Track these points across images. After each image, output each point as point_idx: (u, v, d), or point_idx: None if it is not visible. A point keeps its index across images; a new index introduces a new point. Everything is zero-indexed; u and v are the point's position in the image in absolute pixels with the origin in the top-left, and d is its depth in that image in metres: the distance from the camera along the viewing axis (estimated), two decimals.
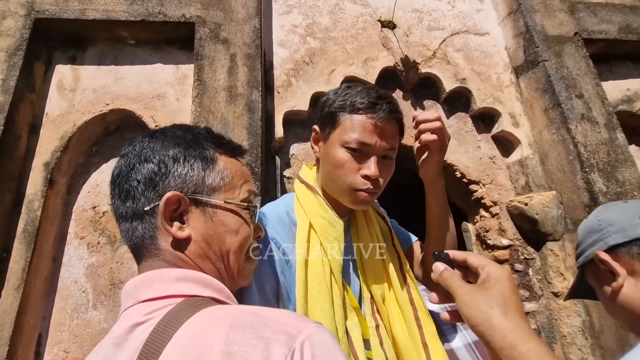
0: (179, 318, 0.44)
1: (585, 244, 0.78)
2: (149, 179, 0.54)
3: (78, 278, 1.55)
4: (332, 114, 0.83)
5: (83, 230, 1.62)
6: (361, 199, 0.82)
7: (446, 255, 0.60)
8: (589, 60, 1.96)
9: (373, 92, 0.83)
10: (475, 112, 2.03)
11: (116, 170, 0.57)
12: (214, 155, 0.59)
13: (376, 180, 0.81)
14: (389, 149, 0.82)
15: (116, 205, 0.57)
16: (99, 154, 1.75)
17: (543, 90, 1.91)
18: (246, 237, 0.59)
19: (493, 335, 0.47)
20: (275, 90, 1.88)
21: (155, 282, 0.51)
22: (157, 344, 0.42)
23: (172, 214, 0.54)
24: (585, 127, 1.78)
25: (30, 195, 1.51)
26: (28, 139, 1.59)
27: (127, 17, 1.71)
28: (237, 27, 1.78)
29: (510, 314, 0.48)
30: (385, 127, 0.80)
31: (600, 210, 0.78)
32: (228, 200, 0.57)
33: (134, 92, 1.74)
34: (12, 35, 1.61)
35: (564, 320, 1.70)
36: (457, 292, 0.53)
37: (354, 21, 2.09)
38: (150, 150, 0.56)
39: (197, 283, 0.51)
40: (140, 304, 0.49)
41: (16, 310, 1.35)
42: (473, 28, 2.19)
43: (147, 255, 0.55)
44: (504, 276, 0.52)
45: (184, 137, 0.59)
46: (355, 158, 0.80)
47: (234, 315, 0.44)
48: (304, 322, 0.43)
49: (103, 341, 0.50)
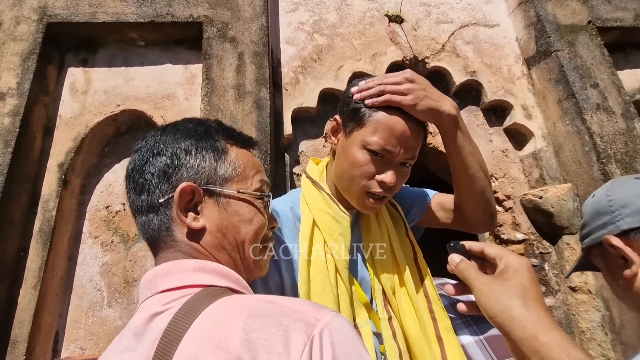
0: (197, 307, 0.45)
1: (593, 225, 0.71)
2: (163, 172, 0.55)
3: (93, 276, 1.57)
4: (358, 111, 0.79)
5: (97, 229, 1.64)
6: (369, 206, 0.81)
7: (462, 246, 0.58)
8: (603, 49, 1.91)
9: None
10: (487, 105, 2.00)
11: (130, 165, 0.58)
12: (225, 147, 0.59)
13: (390, 187, 0.79)
14: (409, 158, 0.79)
15: (132, 200, 0.57)
16: (111, 155, 1.78)
17: (556, 81, 1.87)
18: (260, 226, 0.59)
19: (513, 326, 0.45)
20: (283, 88, 1.88)
21: (173, 272, 0.51)
22: (176, 333, 0.43)
23: (187, 204, 0.54)
24: (601, 117, 1.73)
25: (46, 195, 1.54)
26: (42, 141, 1.63)
27: (136, 18, 1.73)
28: (244, 26, 1.78)
29: (531, 304, 0.47)
30: (411, 134, 0.77)
31: (610, 188, 0.70)
32: (241, 190, 0.58)
33: (144, 93, 1.76)
34: (26, 40, 1.65)
35: (582, 316, 1.66)
36: (474, 283, 0.52)
37: (361, 17, 2.08)
38: (162, 143, 0.57)
39: (214, 273, 0.52)
40: (159, 295, 0.50)
41: (34, 308, 1.38)
42: (482, 20, 2.15)
43: (163, 247, 0.55)
44: (523, 266, 0.51)
45: (195, 129, 0.59)
46: (374, 162, 0.78)
47: (251, 303, 0.44)
48: (322, 311, 0.43)
49: (123, 332, 0.51)
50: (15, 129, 1.48)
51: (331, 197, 0.86)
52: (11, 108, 1.51)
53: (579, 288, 1.68)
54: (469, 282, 0.53)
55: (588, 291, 1.65)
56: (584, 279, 1.67)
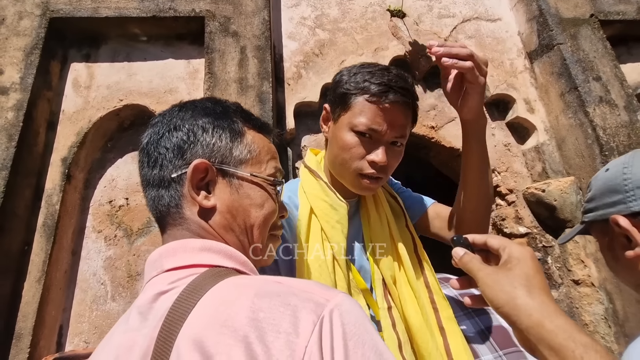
0: (203, 286, 0.44)
1: (601, 202, 0.69)
2: (178, 147, 0.54)
3: (96, 270, 1.58)
4: (344, 95, 0.80)
5: (100, 224, 1.65)
6: (364, 186, 0.81)
7: (465, 239, 0.59)
8: (606, 42, 1.90)
9: (387, 74, 0.79)
10: (489, 99, 1.99)
11: (145, 139, 0.58)
12: (242, 129, 0.58)
13: (383, 166, 0.79)
14: (399, 136, 0.80)
15: (144, 173, 0.57)
16: (115, 149, 1.78)
17: (559, 74, 1.86)
18: (271, 212, 0.58)
19: (519, 315, 0.46)
20: (285, 83, 1.88)
21: (180, 251, 0.50)
22: (181, 311, 0.42)
23: (199, 182, 0.53)
24: (604, 110, 1.73)
25: (49, 189, 1.54)
26: (46, 135, 1.63)
27: (139, 13, 1.73)
28: (246, 20, 1.78)
29: (535, 292, 0.47)
30: (397, 113, 0.77)
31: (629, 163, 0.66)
32: (254, 173, 0.57)
33: (147, 88, 1.76)
34: (29, 35, 1.65)
35: (585, 309, 1.65)
36: (478, 274, 0.52)
37: (363, 11, 2.08)
38: (180, 119, 0.56)
39: (221, 254, 0.51)
40: (165, 274, 0.49)
41: (38, 302, 1.38)
42: (484, 14, 2.15)
43: (171, 224, 0.55)
44: (526, 256, 0.51)
45: (214, 108, 0.59)
46: (363, 143, 0.78)
47: (258, 283, 0.43)
48: (332, 292, 0.42)
49: (129, 311, 0.50)
50: (19, 124, 1.48)
51: (328, 185, 0.86)
52: (14, 102, 1.52)
53: (582, 281, 1.68)
54: (473, 274, 0.53)
55: (591, 284, 1.65)
56: (587, 272, 1.67)
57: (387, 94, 0.76)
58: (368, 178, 0.80)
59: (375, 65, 0.83)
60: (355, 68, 0.83)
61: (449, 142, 1.95)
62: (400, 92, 0.77)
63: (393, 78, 0.78)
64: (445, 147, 1.96)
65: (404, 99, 0.77)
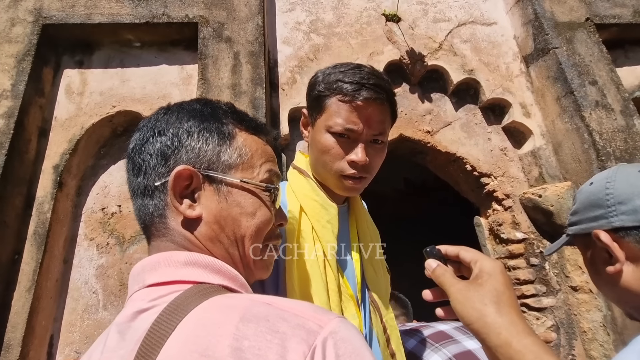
0: (185, 306, 0.40)
1: (584, 216, 0.68)
2: (162, 153, 0.51)
3: (88, 279, 1.56)
4: (318, 97, 0.79)
5: (92, 231, 1.63)
6: (348, 187, 0.80)
7: (438, 251, 0.58)
8: (602, 46, 1.90)
9: (359, 72, 0.77)
10: (485, 103, 1.98)
11: (131, 144, 0.55)
12: (233, 131, 0.54)
13: (364, 166, 0.77)
14: (377, 134, 0.78)
15: (130, 181, 0.54)
16: (108, 156, 1.76)
17: (554, 79, 1.85)
18: (264, 221, 0.54)
19: (488, 333, 0.46)
20: (280, 88, 1.87)
21: (162, 265, 0.47)
22: (159, 335, 0.38)
23: (183, 190, 0.50)
24: (600, 115, 1.72)
25: (41, 197, 1.53)
26: (38, 143, 1.62)
27: (132, 19, 1.72)
28: (240, 26, 1.77)
29: (505, 310, 0.47)
30: (372, 110, 0.75)
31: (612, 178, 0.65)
32: (245, 179, 0.52)
33: (140, 94, 1.75)
34: (21, 42, 1.64)
35: (583, 315, 1.63)
36: (450, 290, 0.52)
37: (357, 16, 2.07)
38: (164, 122, 0.53)
39: (207, 268, 0.47)
40: (146, 289, 0.46)
41: (28, 312, 1.36)
42: (480, 18, 2.14)
43: (156, 235, 0.51)
44: (497, 270, 0.51)
45: (202, 110, 0.55)
46: (341, 144, 0.76)
47: (245, 305, 0.39)
48: (326, 316, 0.38)
49: (108, 329, 0.47)
50: (10, 131, 1.47)
51: (318, 185, 0.84)
52: (5, 110, 1.50)
53: (580, 287, 1.66)
54: (446, 289, 0.53)
55: (589, 290, 1.63)
56: (585, 278, 1.65)
57: (359, 92, 0.74)
58: (351, 179, 0.79)
59: (348, 64, 0.81)
60: (329, 69, 0.82)
61: (444, 147, 1.94)
62: (373, 88, 0.75)
63: (365, 75, 0.76)
64: (441, 151, 1.95)
65: (378, 95, 0.75)
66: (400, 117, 1.98)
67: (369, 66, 0.81)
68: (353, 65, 0.80)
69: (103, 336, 0.48)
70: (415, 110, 2.00)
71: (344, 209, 0.91)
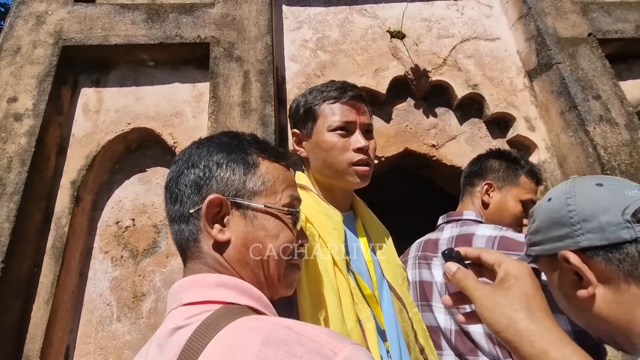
0: (215, 326, 0.45)
1: (547, 235, 0.61)
2: (195, 183, 0.57)
3: (103, 291, 1.61)
4: (309, 110, 0.90)
5: (107, 244, 1.68)
6: (360, 173, 0.87)
7: (457, 253, 0.56)
8: (605, 60, 1.92)
9: (336, 83, 0.91)
10: (489, 117, 2.01)
11: (168, 176, 0.62)
12: (257, 160, 0.60)
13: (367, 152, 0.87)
14: (368, 123, 0.91)
15: (168, 209, 0.60)
16: (122, 172, 1.83)
17: (558, 93, 1.88)
18: (287, 241, 0.59)
19: (520, 341, 0.42)
20: (287, 104, 1.92)
21: (197, 286, 0.53)
22: (193, 351, 0.43)
23: (214, 216, 0.56)
24: (605, 129, 1.74)
25: (59, 212, 1.59)
26: (56, 159, 1.68)
27: (147, 40, 1.80)
28: (249, 45, 1.84)
29: (537, 316, 0.43)
30: (359, 104, 0.90)
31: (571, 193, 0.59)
32: (268, 204, 0.58)
33: (154, 111, 1.82)
34: (42, 63, 1.73)
35: None
36: (474, 294, 0.49)
37: (363, 33, 2.13)
38: (197, 156, 0.60)
39: (235, 290, 0.52)
40: (183, 307, 0.51)
41: (46, 323, 1.41)
42: (483, 34, 2.19)
43: (190, 258, 0.57)
44: (524, 273, 0.48)
45: (229, 143, 0.61)
46: (343, 137, 0.87)
47: (268, 328, 0.43)
48: (341, 342, 0.40)
49: (150, 342, 0.53)
50: (31, 149, 1.54)
51: (320, 197, 0.89)
52: (27, 128, 1.58)
53: None
54: (469, 294, 0.50)
55: None
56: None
57: (345, 92, 0.89)
58: (360, 165, 0.87)
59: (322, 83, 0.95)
60: (306, 91, 0.95)
61: (449, 160, 1.97)
62: (354, 89, 0.90)
63: (342, 84, 0.91)
64: (447, 165, 1.97)
65: (359, 93, 0.91)
66: (406, 131, 2.02)
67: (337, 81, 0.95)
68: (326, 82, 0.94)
69: (145, 349, 0.53)
70: (420, 124, 2.04)
71: (349, 216, 0.95)
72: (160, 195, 1.75)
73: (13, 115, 1.61)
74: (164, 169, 1.81)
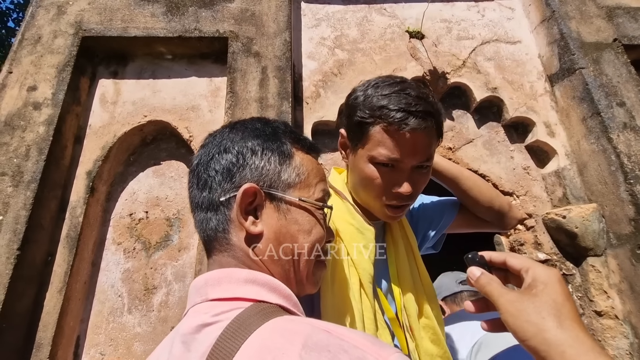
0: (248, 326, 0.42)
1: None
2: (227, 170, 0.53)
3: (114, 282, 1.61)
4: (360, 124, 0.75)
5: (120, 236, 1.68)
6: (391, 216, 0.79)
7: (481, 257, 0.53)
8: (630, 67, 1.87)
9: (405, 97, 0.71)
10: (508, 121, 1.98)
11: (195, 160, 0.57)
12: (291, 151, 0.56)
13: (408, 195, 0.75)
14: (424, 160, 0.75)
15: (193, 194, 0.56)
16: (136, 164, 1.83)
17: (580, 99, 1.84)
18: (319, 238, 0.56)
19: (549, 350, 0.40)
20: (304, 101, 1.91)
21: (225, 281, 0.49)
22: (224, 352, 0.40)
23: (247, 207, 0.52)
24: (629, 137, 1.69)
25: (74, 202, 1.59)
26: (73, 149, 1.69)
27: (166, 33, 1.80)
28: (268, 41, 1.83)
29: (567, 324, 0.41)
30: (419, 139, 0.71)
31: None
32: (303, 198, 0.54)
33: (170, 105, 1.82)
34: (62, 53, 1.73)
35: (608, 342, 1.59)
36: (499, 300, 0.47)
37: (381, 32, 2.11)
38: (229, 141, 0.56)
39: (265, 287, 0.49)
40: (209, 302, 0.48)
41: (58, 312, 1.41)
42: (504, 36, 2.15)
43: (217, 249, 0.54)
44: (553, 279, 0.45)
45: (263, 129, 0.58)
46: (385, 173, 0.74)
47: (306, 331, 0.40)
48: (385, 350, 0.38)
49: (172, 336, 0.50)
50: (49, 138, 1.54)
51: (355, 207, 0.84)
52: (46, 117, 1.58)
53: (605, 313, 1.62)
54: (493, 300, 0.48)
55: (615, 316, 1.59)
56: (611, 304, 1.61)
57: (406, 121, 0.69)
58: (394, 208, 0.78)
59: (391, 82, 0.76)
60: (370, 89, 0.76)
61: (466, 164, 1.94)
62: (421, 115, 0.70)
63: (412, 101, 0.71)
64: None
65: (426, 124, 0.70)
66: None
67: (413, 85, 0.75)
68: (396, 86, 0.74)
69: (167, 343, 0.50)
70: None
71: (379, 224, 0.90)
72: (174, 188, 1.75)
73: (32, 104, 1.61)
74: (178, 163, 1.81)
